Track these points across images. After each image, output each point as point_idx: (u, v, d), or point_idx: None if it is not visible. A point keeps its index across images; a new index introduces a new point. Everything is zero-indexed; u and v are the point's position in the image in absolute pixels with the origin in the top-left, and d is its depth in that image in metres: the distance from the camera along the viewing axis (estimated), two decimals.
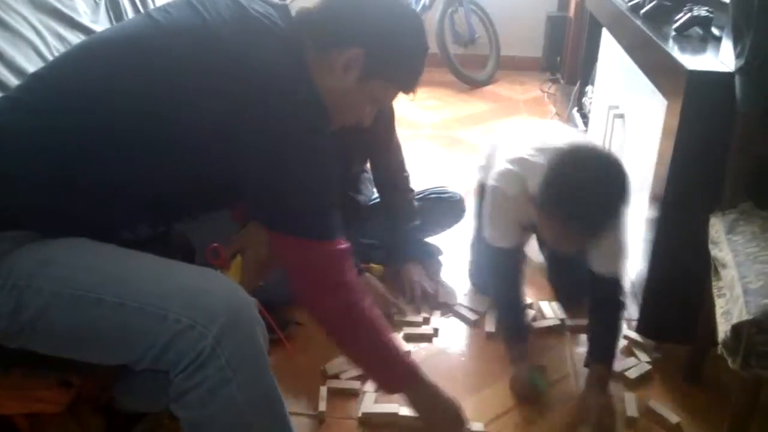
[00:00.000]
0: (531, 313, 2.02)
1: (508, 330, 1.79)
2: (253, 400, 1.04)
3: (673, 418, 1.59)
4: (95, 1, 2.04)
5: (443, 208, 2.27)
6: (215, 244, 1.61)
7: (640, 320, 1.90)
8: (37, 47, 1.75)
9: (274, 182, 1.14)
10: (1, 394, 1.29)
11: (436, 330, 1.96)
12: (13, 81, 1.64)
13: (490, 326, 1.96)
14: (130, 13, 2.24)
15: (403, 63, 1.25)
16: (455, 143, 3.25)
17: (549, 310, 2.03)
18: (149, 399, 1.41)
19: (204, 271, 1.10)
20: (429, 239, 2.32)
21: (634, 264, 1.97)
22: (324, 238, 1.20)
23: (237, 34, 1.11)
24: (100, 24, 2.04)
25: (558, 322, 1.99)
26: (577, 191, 1.44)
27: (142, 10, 2.37)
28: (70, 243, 1.08)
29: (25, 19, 1.72)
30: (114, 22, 2.13)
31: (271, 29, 1.14)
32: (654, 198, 1.78)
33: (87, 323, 1.03)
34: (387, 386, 1.43)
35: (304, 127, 1.12)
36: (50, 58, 1.78)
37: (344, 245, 1.23)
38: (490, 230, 1.74)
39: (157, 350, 1.01)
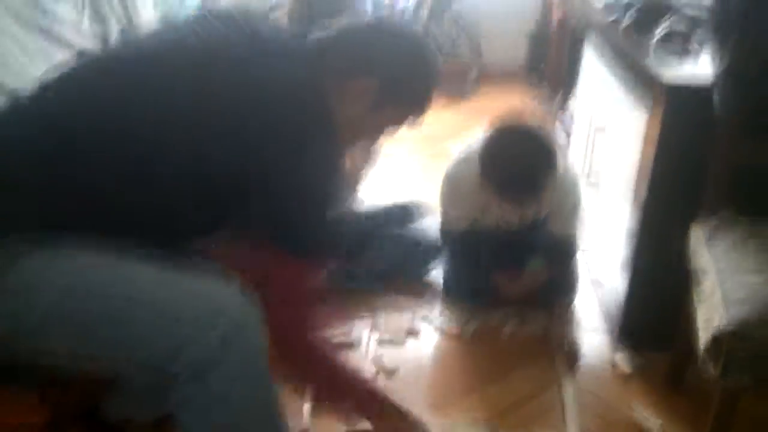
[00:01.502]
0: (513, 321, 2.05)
1: (481, 273, 2.03)
2: (256, 408, 1.05)
3: (654, 423, 1.61)
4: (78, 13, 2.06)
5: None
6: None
7: (622, 329, 1.92)
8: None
9: (278, 194, 1.16)
10: None
11: None
12: None
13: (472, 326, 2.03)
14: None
15: (414, 95, 1.30)
16: (438, 155, 3.26)
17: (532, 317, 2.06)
18: (139, 408, 1.41)
19: (212, 279, 1.09)
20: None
21: (616, 273, 1.99)
22: (310, 255, 1.21)
23: (257, 58, 1.16)
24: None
25: (541, 331, 2.01)
26: (503, 163, 1.73)
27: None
28: (82, 247, 1.07)
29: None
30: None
31: (289, 56, 1.19)
32: (635, 208, 1.80)
33: (94, 326, 1.03)
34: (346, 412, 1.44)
35: (313, 144, 1.15)
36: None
37: (315, 271, 1.25)
38: (444, 216, 2.03)
39: (163, 357, 1.01)
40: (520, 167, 1.73)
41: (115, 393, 1.42)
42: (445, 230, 2.07)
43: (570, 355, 1.89)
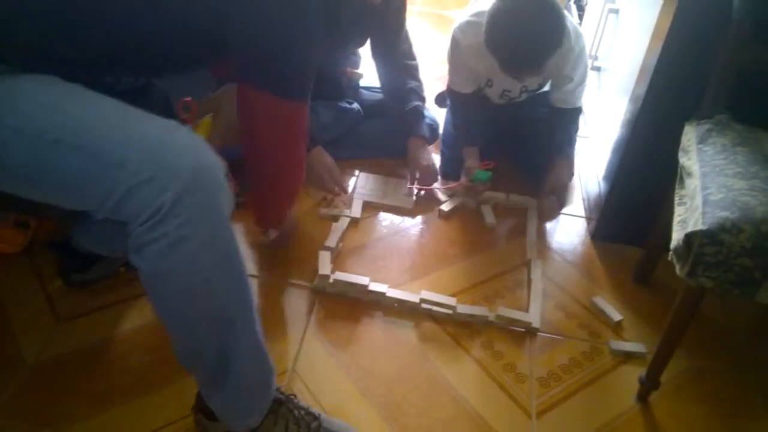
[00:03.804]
0: (499, 195, 2.08)
1: (465, 139, 2.07)
2: (213, 259, 1.03)
3: (616, 315, 1.66)
4: None
5: None
6: (188, 99, 1.56)
7: (599, 219, 1.93)
8: None
9: (259, 38, 1.16)
10: None
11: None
12: None
13: (447, 206, 2.02)
14: None
15: None
16: (445, 22, 3.14)
17: (519, 199, 2.09)
18: (106, 243, 1.42)
19: (173, 125, 1.04)
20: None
21: (603, 162, 1.97)
22: (296, 98, 1.26)
23: None
24: None
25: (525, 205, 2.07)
26: (509, 32, 1.65)
27: None
28: (41, 79, 1.03)
29: None
30: None
31: None
32: (633, 98, 1.75)
33: (44, 164, 0.99)
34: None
35: None
36: None
37: (306, 108, 1.32)
38: (451, 77, 2.03)
39: (114, 200, 0.97)
40: (524, 42, 1.65)
41: (83, 226, 1.42)
42: (450, 90, 2.08)
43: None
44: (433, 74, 2.61)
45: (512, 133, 2.19)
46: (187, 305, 1.04)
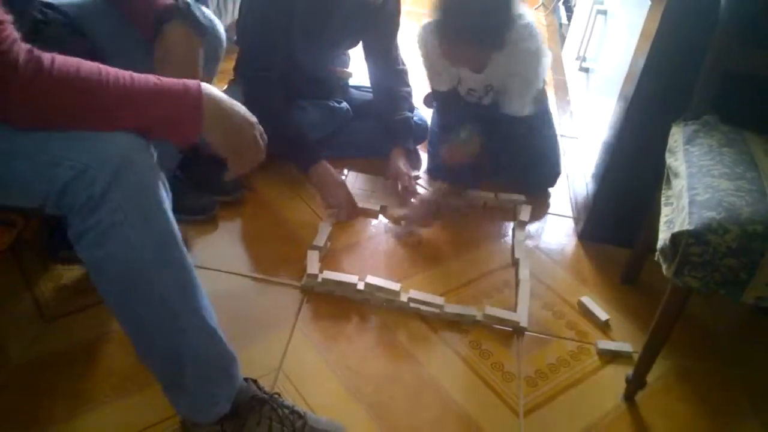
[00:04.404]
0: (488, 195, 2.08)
1: (447, 120, 2.14)
2: (149, 243, 1.02)
3: (603, 315, 1.66)
4: None
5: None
6: None
7: (587, 219, 1.94)
8: None
9: None
10: None
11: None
12: None
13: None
14: None
15: None
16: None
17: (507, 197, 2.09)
18: None
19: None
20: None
21: (592, 162, 1.98)
22: None
23: None
24: None
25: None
26: (450, 15, 1.71)
27: None
28: None
29: None
30: None
31: None
32: (621, 99, 1.76)
33: None
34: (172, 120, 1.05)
35: None
36: None
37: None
38: (428, 79, 2.10)
39: (54, 196, 0.98)
40: (469, 13, 1.67)
41: None
42: (431, 89, 2.14)
43: None
44: (422, 74, 2.60)
45: (492, 132, 2.19)
46: (126, 295, 1.04)
